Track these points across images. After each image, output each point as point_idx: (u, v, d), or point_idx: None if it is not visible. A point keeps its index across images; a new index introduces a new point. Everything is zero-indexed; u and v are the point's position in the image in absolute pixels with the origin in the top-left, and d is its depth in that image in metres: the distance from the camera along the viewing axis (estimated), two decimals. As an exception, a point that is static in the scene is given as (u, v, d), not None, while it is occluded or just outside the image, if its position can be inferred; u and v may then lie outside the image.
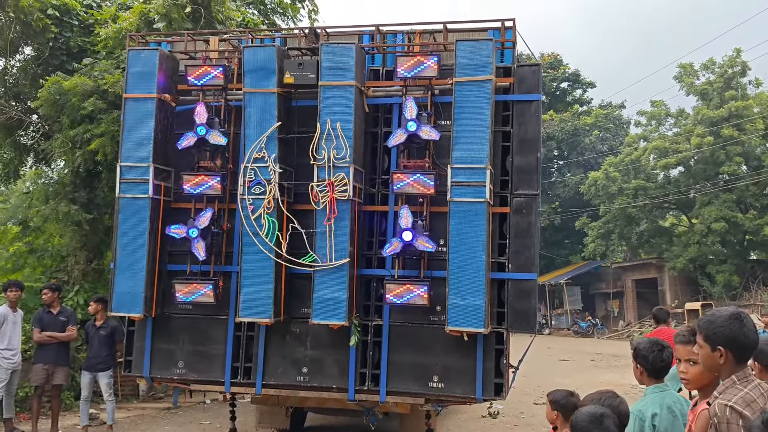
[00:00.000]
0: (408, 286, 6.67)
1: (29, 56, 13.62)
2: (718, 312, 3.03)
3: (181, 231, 7.12)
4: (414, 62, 6.86)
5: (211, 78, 7.32)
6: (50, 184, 13.95)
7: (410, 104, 6.82)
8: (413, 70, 6.87)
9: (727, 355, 2.92)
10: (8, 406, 9.40)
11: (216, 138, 7.15)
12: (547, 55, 46.22)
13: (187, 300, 7.17)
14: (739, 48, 32.74)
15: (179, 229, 7.14)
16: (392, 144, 6.84)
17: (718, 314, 3.01)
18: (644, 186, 33.93)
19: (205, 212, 7.17)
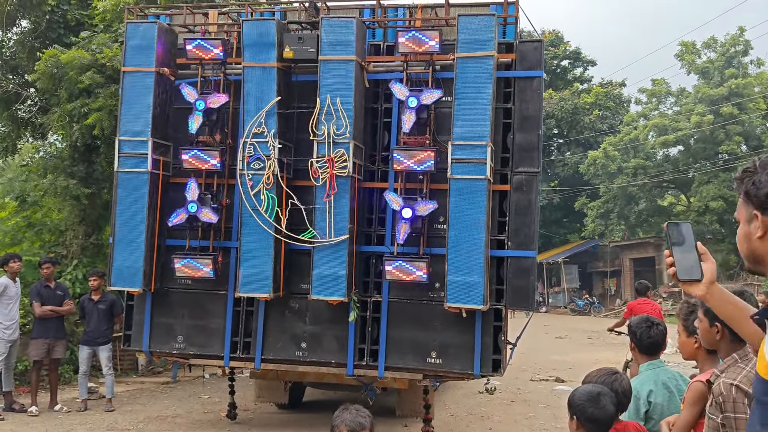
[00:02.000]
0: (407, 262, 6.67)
1: (26, 29, 13.50)
2: None
3: (182, 216, 7.09)
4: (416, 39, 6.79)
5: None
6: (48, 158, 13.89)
7: (396, 87, 6.78)
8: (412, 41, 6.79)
9: (723, 331, 2.93)
10: (7, 379, 9.45)
11: (216, 101, 7.11)
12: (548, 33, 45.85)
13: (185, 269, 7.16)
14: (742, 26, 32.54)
15: (178, 216, 7.11)
16: (407, 128, 6.74)
17: None
18: (643, 165, 33.87)
19: (189, 185, 7.11)
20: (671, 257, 2.11)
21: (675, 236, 2.15)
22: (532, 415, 9.98)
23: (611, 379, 3.55)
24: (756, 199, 1.80)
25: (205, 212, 7.06)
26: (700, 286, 2.02)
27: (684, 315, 3.63)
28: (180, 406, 9.99)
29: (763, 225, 1.78)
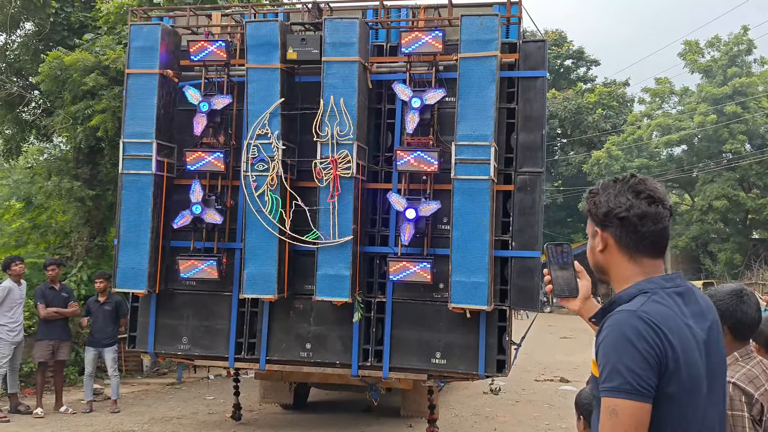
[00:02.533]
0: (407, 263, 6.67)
1: (30, 31, 13.54)
2: (721, 287, 3.04)
3: (186, 218, 7.11)
4: (413, 37, 6.79)
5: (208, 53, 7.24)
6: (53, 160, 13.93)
7: (399, 87, 6.79)
8: (414, 43, 6.79)
9: (724, 330, 2.93)
10: (12, 381, 9.48)
11: (221, 102, 7.12)
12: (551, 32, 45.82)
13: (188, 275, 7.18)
14: (746, 25, 32.49)
15: (183, 218, 7.12)
16: (411, 129, 6.76)
17: (720, 289, 3.02)
18: (647, 165, 33.82)
19: (193, 187, 7.13)
20: (549, 275, 2.31)
21: (554, 256, 2.32)
22: (537, 416, 9.97)
23: None
24: (596, 217, 2.11)
25: (210, 213, 7.07)
26: (576, 302, 2.30)
27: None
28: (185, 407, 10.00)
29: (602, 240, 2.10)
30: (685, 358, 1.89)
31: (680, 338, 1.90)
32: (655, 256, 2.08)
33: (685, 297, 2.03)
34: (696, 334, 1.96)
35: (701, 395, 1.93)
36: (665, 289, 2.00)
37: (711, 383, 1.97)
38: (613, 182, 2.13)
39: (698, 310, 2.03)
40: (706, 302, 2.10)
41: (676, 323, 1.92)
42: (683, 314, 1.97)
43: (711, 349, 1.99)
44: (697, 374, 1.92)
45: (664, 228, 2.07)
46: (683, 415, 1.90)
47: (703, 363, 1.95)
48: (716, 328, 2.07)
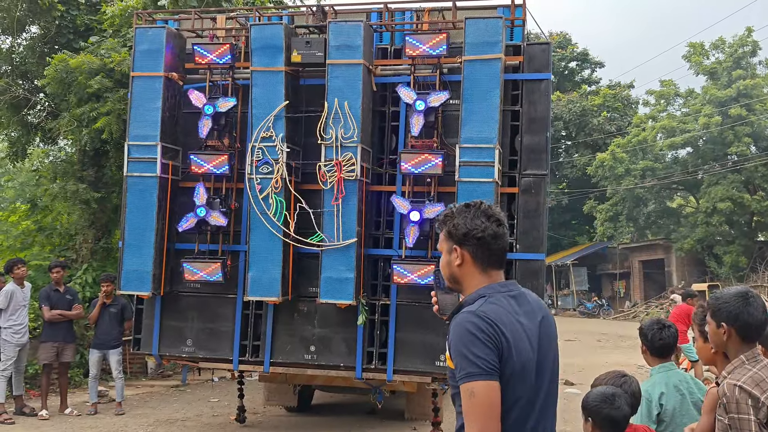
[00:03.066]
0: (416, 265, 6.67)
1: (36, 35, 13.59)
2: (727, 290, 3.04)
3: (191, 221, 7.11)
4: (439, 40, 6.77)
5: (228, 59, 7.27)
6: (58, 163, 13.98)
7: (403, 91, 6.79)
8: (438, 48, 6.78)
9: (730, 332, 2.92)
10: (18, 383, 9.50)
11: (225, 105, 7.13)
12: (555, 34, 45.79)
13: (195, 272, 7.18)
14: (750, 27, 32.41)
15: (188, 221, 7.13)
16: (416, 132, 6.75)
17: (726, 292, 3.02)
18: (652, 167, 33.74)
19: (197, 190, 7.14)
20: (436, 297, 2.64)
21: (440, 281, 2.62)
22: (542, 418, 9.94)
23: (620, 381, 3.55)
24: (455, 237, 2.48)
25: (215, 215, 7.08)
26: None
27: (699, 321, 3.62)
28: (189, 410, 10.01)
29: (461, 255, 2.47)
30: (516, 347, 2.30)
31: (512, 331, 2.31)
32: (499, 268, 2.52)
33: (518, 299, 2.45)
34: (527, 329, 2.37)
35: (530, 378, 2.33)
36: (501, 293, 2.42)
37: (540, 368, 2.38)
38: (465, 207, 2.54)
39: (529, 309, 2.45)
40: (537, 303, 2.51)
41: (508, 319, 2.34)
42: (516, 312, 2.38)
43: (541, 340, 2.42)
44: (526, 361, 2.32)
45: (506, 245, 2.53)
46: (516, 395, 2.28)
47: (534, 351, 2.36)
48: (546, 323, 2.47)
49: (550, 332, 2.49)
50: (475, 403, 2.21)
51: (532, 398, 2.33)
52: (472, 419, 2.22)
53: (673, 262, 35.13)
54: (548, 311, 2.56)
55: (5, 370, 9.18)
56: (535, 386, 2.35)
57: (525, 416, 2.31)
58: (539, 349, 2.38)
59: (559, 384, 2.69)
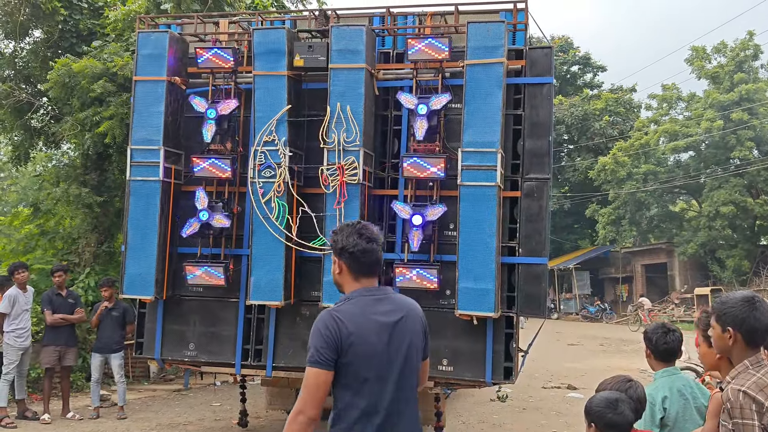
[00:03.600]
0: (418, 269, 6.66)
1: (39, 39, 13.63)
2: (732, 294, 3.02)
3: (195, 225, 7.11)
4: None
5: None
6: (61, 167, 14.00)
7: (403, 96, 6.79)
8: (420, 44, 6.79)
9: (735, 336, 2.91)
10: (20, 387, 9.51)
11: (227, 107, 7.13)
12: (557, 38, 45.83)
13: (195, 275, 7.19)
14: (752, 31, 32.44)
15: (191, 226, 7.13)
16: (421, 135, 6.75)
17: (731, 296, 3.00)
18: (654, 171, 33.74)
19: (197, 195, 7.15)
20: None
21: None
22: (545, 423, 9.94)
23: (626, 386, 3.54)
24: (335, 250, 3.08)
25: (218, 218, 7.08)
26: None
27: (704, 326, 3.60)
28: (191, 414, 10.01)
29: (339, 265, 3.09)
30: (362, 338, 2.87)
31: (359, 325, 2.89)
32: (370, 276, 3.07)
33: (381, 301, 3.03)
34: (381, 324, 2.94)
35: (379, 362, 2.89)
36: (364, 296, 3.01)
37: (392, 355, 2.94)
38: (346, 226, 3.10)
39: (390, 309, 3.02)
40: (401, 304, 3.11)
41: (361, 317, 2.92)
42: (373, 312, 2.96)
43: (395, 333, 2.97)
44: (373, 351, 2.89)
45: (376, 258, 3.07)
46: (362, 376, 2.86)
47: (384, 342, 2.92)
48: (405, 320, 3.05)
49: (408, 327, 3.05)
50: (306, 384, 2.87)
51: (384, 376, 2.90)
52: (302, 392, 2.88)
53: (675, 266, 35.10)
54: (415, 312, 3.16)
55: (8, 374, 9.19)
56: (386, 367, 2.91)
57: (379, 391, 2.89)
58: (391, 340, 2.95)
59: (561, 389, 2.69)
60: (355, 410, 2.87)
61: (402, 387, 2.96)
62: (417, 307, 3.22)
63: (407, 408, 3.00)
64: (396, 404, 2.93)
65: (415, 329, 3.11)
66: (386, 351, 2.92)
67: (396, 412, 2.92)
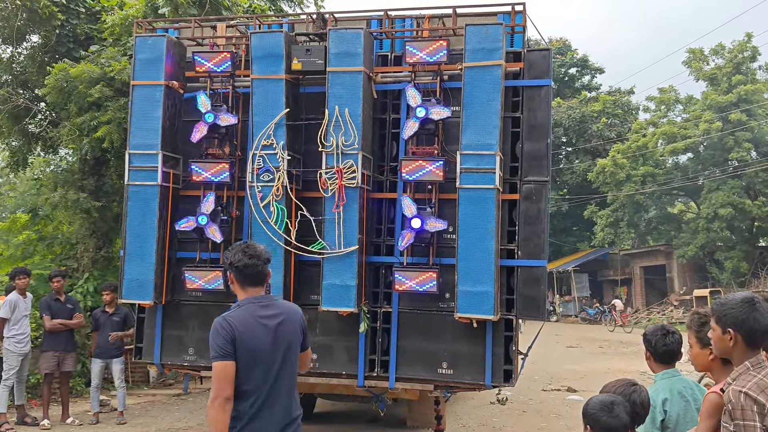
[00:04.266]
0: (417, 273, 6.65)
1: (36, 44, 13.63)
2: (732, 295, 3.01)
3: (190, 223, 7.10)
4: (437, 47, 6.77)
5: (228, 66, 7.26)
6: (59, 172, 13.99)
7: (411, 92, 6.78)
8: (435, 54, 6.77)
9: (736, 338, 2.90)
10: (20, 392, 9.49)
11: (226, 120, 7.13)
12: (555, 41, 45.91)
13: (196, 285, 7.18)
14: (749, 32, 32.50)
15: (187, 222, 7.12)
16: (407, 136, 6.77)
17: (731, 297, 2.99)
18: (652, 173, 33.76)
19: (207, 197, 7.14)
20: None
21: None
22: (545, 425, 9.93)
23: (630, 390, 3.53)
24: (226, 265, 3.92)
25: (212, 229, 7.05)
26: None
27: (697, 326, 3.60)
28: (191, 419, 9.99)
29: (231, 278, 3.80)
30: (250, 337, 3.56)
31: (246, 326, 3.57)
32: (255, 286, 3.74)
33: (267, 307, 3.71)
34: (266, 326, 3.63)
35: (263, 356, 3.58)
36: (252, 303, 3.68)
37: (273, 351, 3.62)
38: (237, 245, 3.81)
39: (273, 313, 3.70)
40: (283, 308, 3.79)
41: (248, 320, 3.60)
42: (259, 315, 3.65)
43: (277, 333, 3.65)
44: (258, 346, 3.57)
45: (258, 272, 3.72)
46: (247, 370, 3.53)
47: (269, 340, 3.61)
48: (284, 322, 3.70)
49: (287, 327, 3.72)
50: (215, 374, 3.51)
51: (267, 366, 3.59)
52: (214, 384, 3.51)
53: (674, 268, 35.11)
54: (294, 314, 3.81)
55: (8, 379, 9.17)
56: (270, 360, 3.60)
57: (262, 377, 3.57)
58: (275, 339, 3.64)
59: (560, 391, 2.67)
60: (243, 393, 3.54)
61: (280, 375, 3.65)
62: (297, 310, 3.89)
63: (283, 390, 3.67)
64: (274, 387, 3.61)
65: (294, 329, 3.79)
66: (269, 347, 3.62)
67: (274, 393, 3.61)
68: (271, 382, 3.60)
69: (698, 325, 3.59)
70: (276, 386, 3.62)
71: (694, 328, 3.62)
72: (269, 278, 3.85)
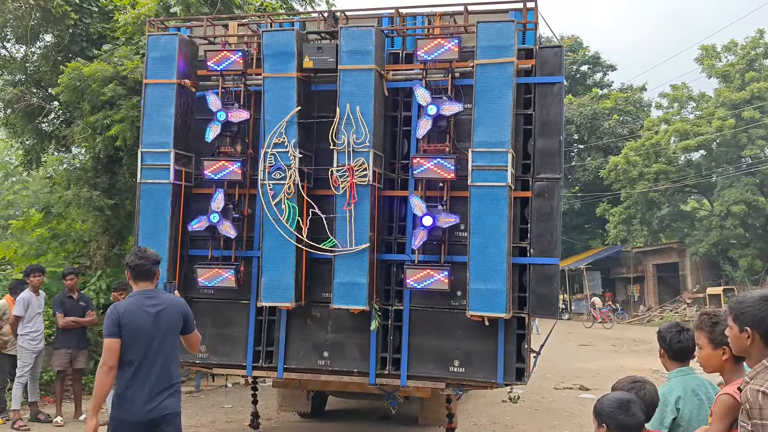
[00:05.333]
0: (428, 270, 6.64)
1: (49, 43, 13.69)
2: (750, 293, 2.99)
3: (203, 223, 7.12)
4: (434, 45, 6.79)
5: (230, 63, 7.30)
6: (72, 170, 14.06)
7: (420, 91, 6.76)
8: (433, 52, 6.79)
9: (754, 336, 2.88)
10: (33, 389, 9.55)
11: (238, 116, 7.14)
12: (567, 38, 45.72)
13: (208, 284, 7.21)
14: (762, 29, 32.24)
15: (199, 222, 7.15)
16: (421, 135, 6.75)
17: (749, 295, 2.97)
18: (665, 170, 33.57)
19: (216, 195, 7.16)
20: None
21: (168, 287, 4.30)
22: (557, 424, 9.90)
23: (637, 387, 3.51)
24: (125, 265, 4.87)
25: (225, 225, 7.07)
26: None
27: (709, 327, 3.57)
28: (203, 416, 10.02)
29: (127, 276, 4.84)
30: (131, 321, 4.57)
31: (130, 312, 4.60)
32: (145, 281, 4.76)
33: (152, 298, 4.71)
34: (148, 312, 4.63)
35: (144, 337, 4.57)
36: (140, 295, 4.71)
37: (153, 333, 4.61)
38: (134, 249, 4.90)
39: (156, 302, 4.69)
40: (165, 298, 4.80)
41: (134, 307, 4.63)
42: (144, 304, 4.65)
43: (157, 319, 4.65)
44: (139, 328, 4.58)
45: (146, 270, 4.73)
46: (130, 345, 4.55)
47: (150, 322, 4.62)
48: (163, 311, 4.69)
49: (167, 314, 4.71)
50: (104, 348, 4.57)
51: (148, 343, 4.59)
52: (103, 355, 4.54)
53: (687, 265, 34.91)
54: (174, 304, 4.81)
55: (21, 376, 9.24)
56: (149, 340, 4.60)
57: (142, 352, 4.57)
58: (155, 322, 4.64)
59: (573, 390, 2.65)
60: (126, 362, 4.57)
61: (159, 350, 4.63)
62: (179, 302, 4.92)
63: (159, 361, 4.63)
64: (152, 359, 4.60)
65: (174, 315, 4.77)
66: (149, 328, 4.62)
67: (151, 363, 4.60)
68: (151, 355, 4.60)
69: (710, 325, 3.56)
70: (154, 359, 4.62)
71: (706, 329, 3.59)
72: (158, 277, 4.83)
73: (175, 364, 4.81)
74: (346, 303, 6.75)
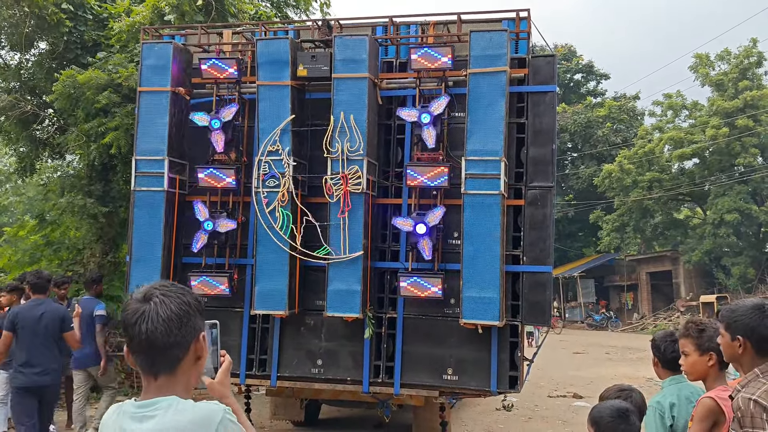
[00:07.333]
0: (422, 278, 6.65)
1: (44, 50, 13.68)
2: (742, 302, 3.01)
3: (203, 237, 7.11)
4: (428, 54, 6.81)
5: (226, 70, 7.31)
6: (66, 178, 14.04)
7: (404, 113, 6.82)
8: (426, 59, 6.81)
9: (745, 345, 2.89)
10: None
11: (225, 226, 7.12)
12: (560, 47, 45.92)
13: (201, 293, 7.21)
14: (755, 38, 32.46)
15: (199, 238, 7.12)
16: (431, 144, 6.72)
17: (741, 304, 2.99)
18: (659, 178, 33.69)
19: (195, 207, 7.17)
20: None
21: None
22: (550, 432, 9.89)
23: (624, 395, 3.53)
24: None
25: (222, 223, 7.08)
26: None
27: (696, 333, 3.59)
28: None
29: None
30: (21, 321, 6.58)
31: (22, 315, 6.66)
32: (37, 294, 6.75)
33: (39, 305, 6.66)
34: (35, 314, 6.58)
35: (27, 332, 6.54)
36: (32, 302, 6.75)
37: (36, 328, 6.54)
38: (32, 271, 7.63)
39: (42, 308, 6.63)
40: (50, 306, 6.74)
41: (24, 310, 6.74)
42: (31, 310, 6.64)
43: (41, 319, 6.56)
44: (25, 325, 6.55)
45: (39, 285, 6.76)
46: (20, 337, 6.57)
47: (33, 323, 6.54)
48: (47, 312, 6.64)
49: (48, 316, 6.57)
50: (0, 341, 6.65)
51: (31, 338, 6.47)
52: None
53: (680, 273, 34.99)
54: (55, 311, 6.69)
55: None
56: (32, 334, 6.47)
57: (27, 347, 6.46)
58: (37, 323, 6.49)
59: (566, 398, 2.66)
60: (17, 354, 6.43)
61: (38, 345, 6.51)
62: (58, 308, 6.82)
63: (39, 352, 6.52)
64: (34, 353, 6.46)
65: (53, 317, 6.61)
66: (33, 326, 6.48)
67: (34, 357, 6.47)
68: (34, 347, 6.48)
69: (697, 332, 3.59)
70: (36, 350, 6.49)
71: (693, 335, 3.60)
72: (49, 291, 6.87)
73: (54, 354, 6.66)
74: (340, 311, 6.75)
